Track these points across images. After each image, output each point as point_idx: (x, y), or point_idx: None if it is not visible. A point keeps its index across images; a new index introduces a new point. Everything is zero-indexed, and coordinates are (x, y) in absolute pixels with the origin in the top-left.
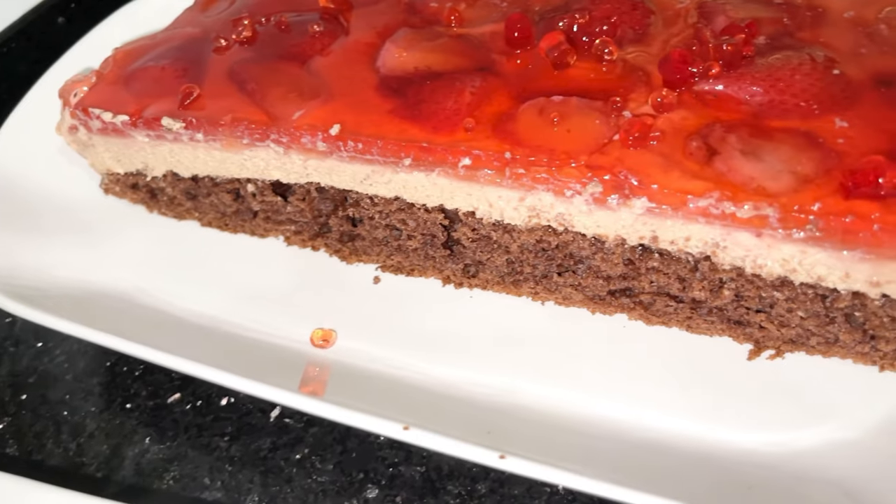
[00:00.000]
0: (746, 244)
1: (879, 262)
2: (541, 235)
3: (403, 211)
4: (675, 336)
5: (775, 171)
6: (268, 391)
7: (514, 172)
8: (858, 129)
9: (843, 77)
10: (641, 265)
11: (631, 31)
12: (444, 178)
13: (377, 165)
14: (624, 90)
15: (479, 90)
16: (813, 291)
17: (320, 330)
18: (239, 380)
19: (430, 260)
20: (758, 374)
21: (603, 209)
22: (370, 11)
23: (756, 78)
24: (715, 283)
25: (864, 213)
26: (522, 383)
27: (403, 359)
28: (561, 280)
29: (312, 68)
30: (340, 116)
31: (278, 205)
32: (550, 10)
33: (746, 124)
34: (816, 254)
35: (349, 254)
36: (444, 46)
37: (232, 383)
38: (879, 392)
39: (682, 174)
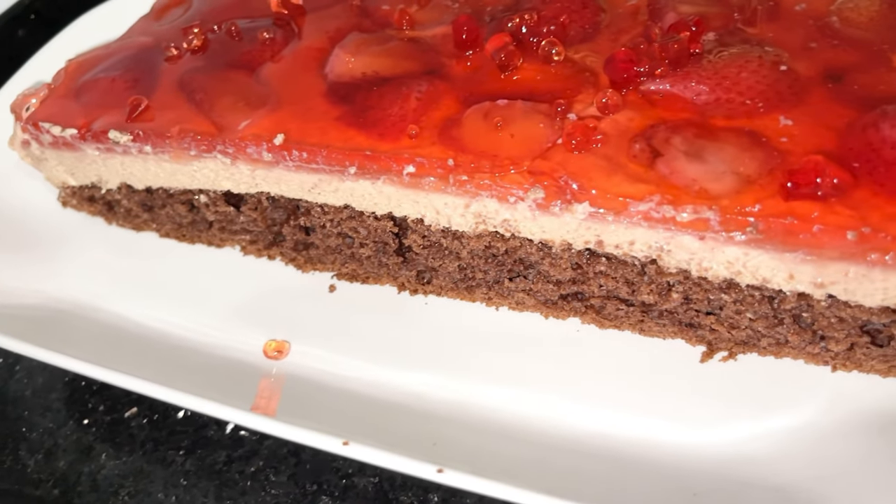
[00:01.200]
0: (690, 247)
1: (821, 264)
2: (489, 241)
3: (354, 219)
4: (629, 339)
5: (718, 173)
6: (215, 409)
7: (458, 179)
8: (803, 126)
9: (790, 73)
10: (589, 269)
11: (581, 30)
12: (390, 185)
13: (323, 174)
14: (571, 91)
15: (426, 95)
16: (759, 293)
17: (274, 341)
18: (189, 398)
19: (383, 267)
20: (711, 376)
21: (547, 215)
22: (323, 16)
23: (702, 76)
24: (663, 286)
25: (803, 215)
26: (475, 390)
27: (357, 368)
28: (512, 285)
29: (262, 76)
30: (286, 125)
31: (232, 215)
32: (502, 10)
33: (692, 124)
34: (759, 256)
35: (304, 262)
36: (393, 51)
37: (181, 401)
38: (832, 393)
39: (625, 177)
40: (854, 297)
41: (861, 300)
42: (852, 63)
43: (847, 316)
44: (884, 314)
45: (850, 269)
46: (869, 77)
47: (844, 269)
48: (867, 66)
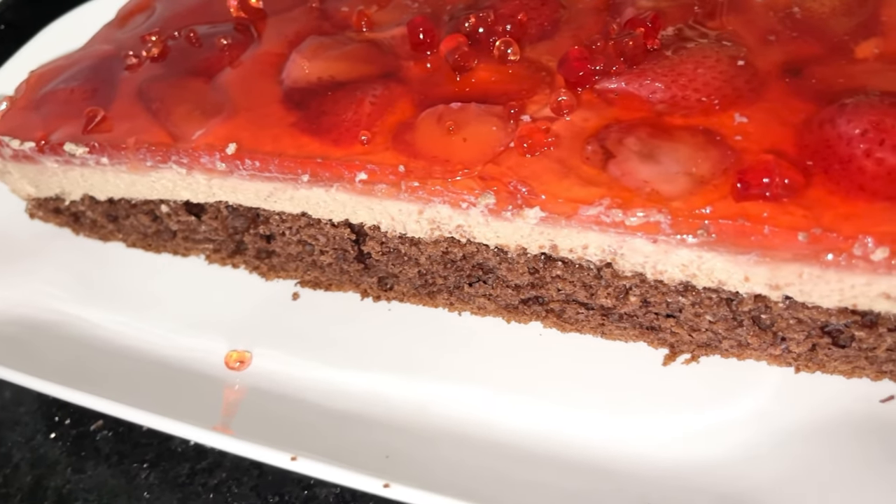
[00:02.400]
0: (644, 250)
1: (775, 265)
2: (446, 247)
3: (312, 226)
4: (591, 343)
5: (671, 174)
6: (173, 426)
7: (410, 186)
8: (759, 123)
9: (748, 68)
10: (546, 274)
11: (540, 28)
12: (344, 193)
13: (278, 182)
14: (527, 92)
15: (380, 99)
16: (717, 295)
17: (235, 352)
18: (144, 415)
19: (345, 274)
20: (673, 379)
21: (499, 220)
22: (283, 19)
23: (658, 74)
24: (620, 289)
25: (754, 216)
26: (436, 398)
27: (316, 379)
28: (472, 290)
29: (219, 83)
30: (240, 133)
31: (194, 224)
32: (462, 9)
33: (647, 124)
34: (713, 258)
35: (267, 270)
36: (350, 54)
37: (138, 419)
38: (796, 396)
39: (577, 180)
40: (811, 299)
41: (818, 301)
42: (812, 56)
43: (805, 317)
44: (842, 315)
45: (803, 271)
46: (828, 70)
47: (798, 270)
48: (827, 58)
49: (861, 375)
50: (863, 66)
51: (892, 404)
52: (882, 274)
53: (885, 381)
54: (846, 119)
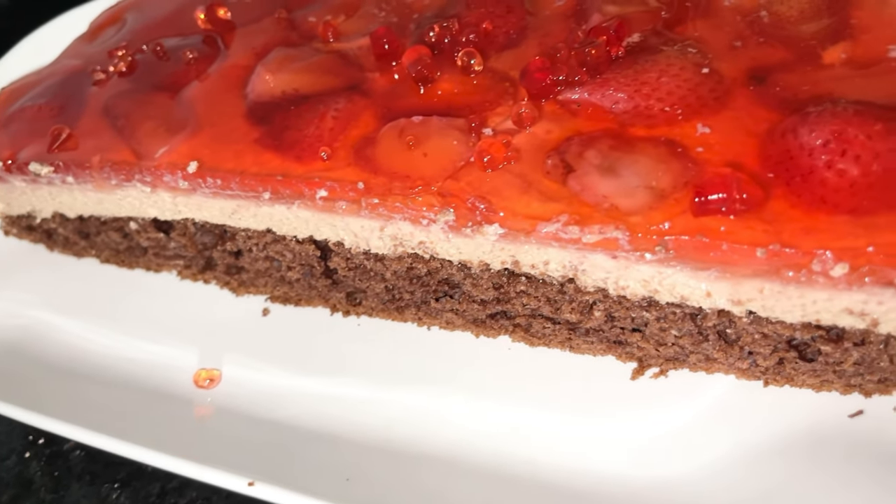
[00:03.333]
0: (605, 266)
1: (736, 281)
2: (410, 263)
3: (278, 243)
4: (559, 357)
5: (631, 188)
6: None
7: (370, 203)
8: (722, 134)
9: (712, 76)
10: (510, 289)
11: (506, 36)
12: (306, 210)
13: (241, 200)
14: (490, 104)
15: (343, 113)
16: (680, 310)
17: (204, 370)
18: (109, 440)
19: (313, 290)
20: (642, 394)
21: (460, 236)
22: (251, 31)
23: (620, 83)
24: (584, 304)
25: (712, 231)
26: (399, 416)
27: (285, 397)
28: (439, 305)
29: (184, 98)
30: (203, 150)
31: (163, 241)
32: (430, 17)
33: (610, 135)
34: (674, 274)
35: (238, 286)
36: (315, 66)
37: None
38: (764, 410)
39: (537, 196)
40: (774, 314)
41: (781, 316)
42: (778, 62)
43: (770, 332)
44: (806, 330)
45: (764, 287)
46: (794, 77)
47: (759, 286)
48: (794, 64)
49: (830, 389)
50: (829, 72)
51: (860, 419)
52: (843, 290)
53: (854, 395)
54: (808, 129)
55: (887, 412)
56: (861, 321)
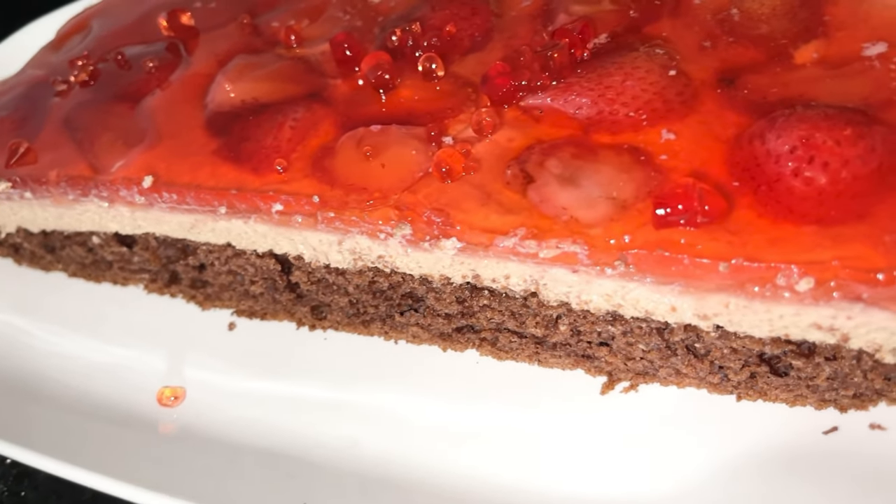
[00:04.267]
0: (566, 280)
1: (700, 296)
2: (372, 277)
3: (239, 257)
4: (528, 371)
5: (591, 199)
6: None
7: (326, 217)
8: (688, 140)
9: (679, 78)
10: (473, 303)
11: (470, 39)
12: (262, 224)
13: (198, 214)
14: (452, 111)
15: (301, 123)
16: (646, 325)
17: (168, 388)
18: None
19: (278, 304)
20: (612, 409)
21: (419, 251)
22: (215, 37)
23: (584, 88)
24: (549, 318)
25: (672, 245)
26: (364, 436)
27: (247, 417)
28: (403, 320)
29: (144, 108)
30: (159, 164)
31: (127, 255)
32: (395, 19)
33: (573, 142)
34: (637, 288)
35: (203, 300)
36: (275, 74)
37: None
38: (737, 426)
39: (496, 208)
40: (741, 329)
41: (749, 331)
42: (748, 63)
43: (739, 346)
44: (776, 345)
45: (729, 301)
46: (763, 78)
47: (724, 300)
48: (764, 65)
49: (804, 404)
50: (801, 72)
51: (837, 435)
52: (809, 305)
53: (830, 410)
54: (775, 134)
55: (863, 428)
56: (831, 336)
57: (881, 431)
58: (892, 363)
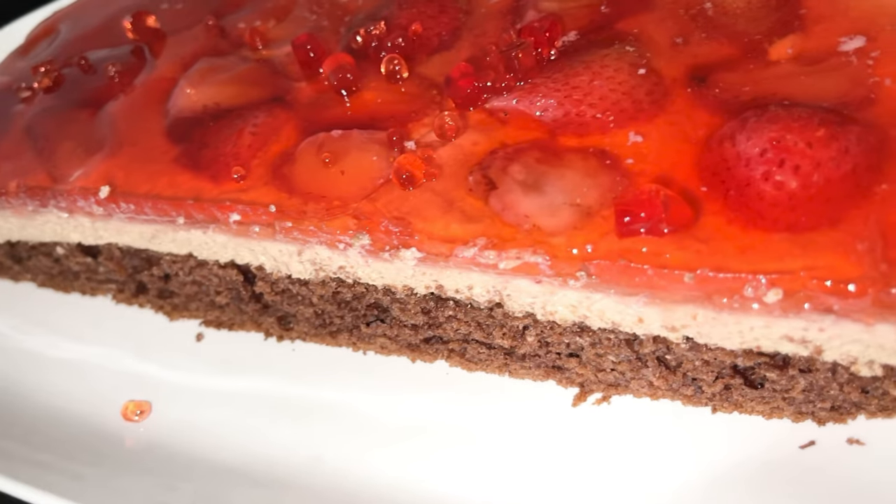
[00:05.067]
0: (530, 291)
1: (667, 307)
2: (335, 288)
3: (202, 267)
4: (498, 382)
5: (555, 206)
6: None
7: (283, 227)
8: (656, 142)
9: (650, 77)
10: (439, 314)
11: (437, 38)
12: (221, 234)
13: (157, 225)
14: (416, 114)
15: (262, 128)
16: (615, 336)
17: (132, 402)
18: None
19: (244, 314)
20: (583, 422)
21: (379, 261)
22: (181, 39)
23: (550, 89)
24: (516, 329)
25: (636, 255)
26: (329, 453)
27: (212, 434)
28: (370, 331)
29: (106, 115)
30: (118, 173)
31: (92, 265)
32: (362, 18)
33: (538, 146)
34: (602, 299)
35: (171, 310)
36: (238, 77)
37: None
38: (712, 440)
39: (459, 216)
40: (712, 340)
41: (720, 343)
42: (720, 59)
43: (711, 358)
44: (748, 357)
45: (697, 313)
46: (735, 76)
47: (692, 312)
48: (737, 62)
49: (781, 416)
50: (775, 69)
51: (815, 449)
52: (779, 317)
53: (808, 422)
54: (746, 136)
55: (841, 443)
56: (804, 348)
57: (859, 446)
58: (869, 376)
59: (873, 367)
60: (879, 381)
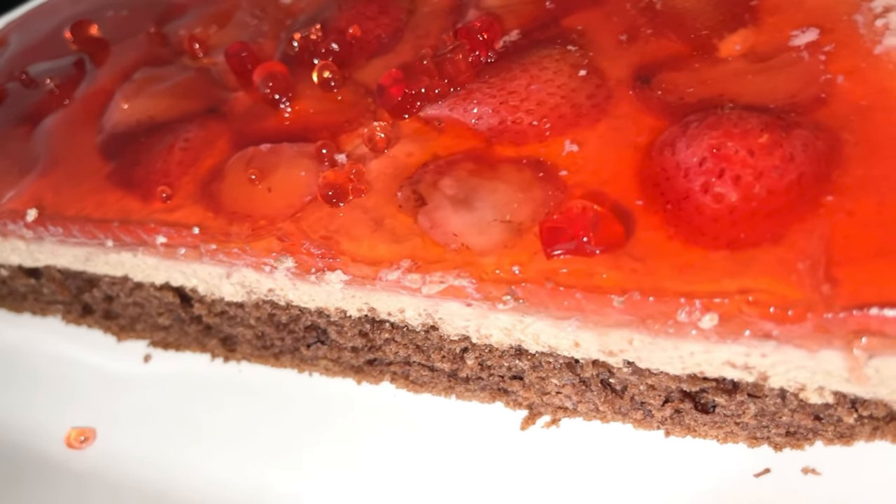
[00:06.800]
0: (462, 314)
1: (601, 331)
2: (270, 310)
3: (140, 289)
4: (445, 404)
5: (484, 223)
6: None
7: (208, 249)
8: (594, 150)
9: (591, 78)
10: (376, 336)
11: (376, 41)
12: (150, 257)
13: (89, 247)
14: (351, 124)
15: (193, 143)
16: (554, 360)
17: (75, 430)
18: None
19: (188, 335)
20: (535, 445)
21: (306, 283)
22: (124, 48)
23: (485, 94)
24: (453, 352)
25: (565, 276)
26: (275, 479)
27: (154, 465)
28: (310, 353)
29: (42, 131)
30: (47, 194)
31: (36, 286)
32: (303, 21)
33: (472, 157)
34: (535, 322)
35: (119, 330)
36: (173, 89)
37: None
38: (667, 463)
39: (387, 236)
40: (653, 365)
41: (662, 368)
42: (668, 57)
43: (655, 383)
44: (693, 382)
45: (633, 337)
46: (681, 76)
47: (627, 336)
48: (684, 59)
49: (736, 441)
50: (723, 68)
51: (768, 478)
52: (717, 342)
53: (764, 447)
54: (685, 143)
55: (796, 472)
56: (748, 374)
57: (815, 476)
58: (820, 403)
59: (823, 393)
60: (832, 407)
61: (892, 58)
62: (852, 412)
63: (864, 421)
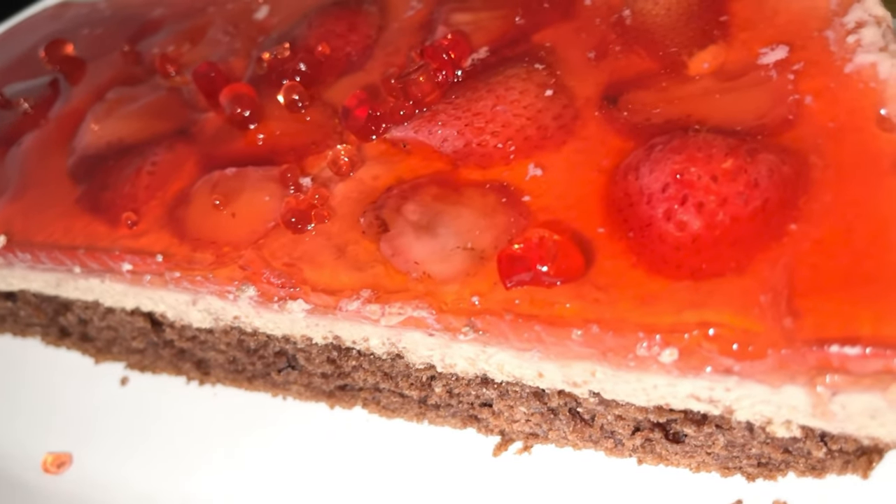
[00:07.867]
0: (426, 343)
1: (563, 363)
2: (238, 336)
3: (112, 313)
4: (417, 430)
5: (446, 251)
6: None
7: (172, 277)
8: (559, 173)
9: (557, 98)
10: (344, 363)
11: (345, 59)
12: (118, 283)
13: (58, 273)
14: (317, 146)
15: (161, 167)
16: (521, 389)
17: (51, 455)
18: None
19: (163, 359)
20: (507, 472)
21: (269, 311)
22: (98, 67)
23: (450, 116)
24: (420, 380)
25: (524, 307)
26: None
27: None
28: (281, 378)
29: (15, 154)
30: (16, 219)
31: (13, 308)
32: (275, 38)
33: (437, 181)
34: (498, 353)
35: (96, 353)
36: (144, 110)
37: None
38: (639, 493)
39: (350, 263)
40: (619, 396)
41: (628, 399)
42: (635, 76)
43: (623, 413)
44: (660, 413)
45: (595, 369)
46: (648, 95)
47: (589, 368)
48: (652, 78)
49: (708, 470)
50: (691, 86)
51: None
52: (679, 376)
53: (737, 477)
54: (649, 168)
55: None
56: (714, 408)
57: None
58: (788, 437)
59: (791, 427)
60: (801, 441)
61: (863, 76)
62: (821, 446)
63: (835, 455)
